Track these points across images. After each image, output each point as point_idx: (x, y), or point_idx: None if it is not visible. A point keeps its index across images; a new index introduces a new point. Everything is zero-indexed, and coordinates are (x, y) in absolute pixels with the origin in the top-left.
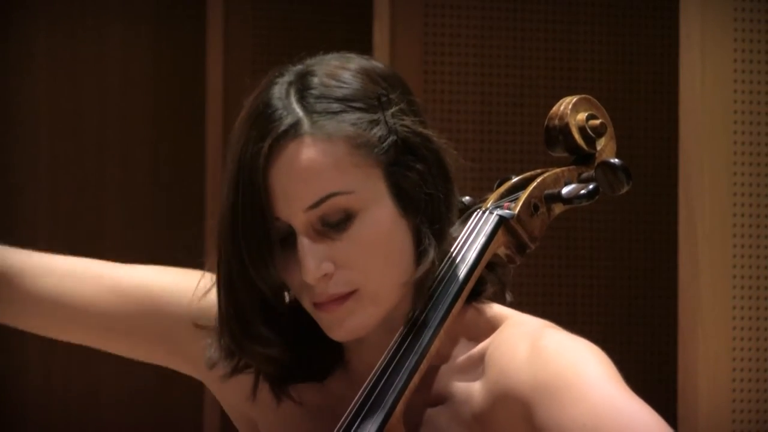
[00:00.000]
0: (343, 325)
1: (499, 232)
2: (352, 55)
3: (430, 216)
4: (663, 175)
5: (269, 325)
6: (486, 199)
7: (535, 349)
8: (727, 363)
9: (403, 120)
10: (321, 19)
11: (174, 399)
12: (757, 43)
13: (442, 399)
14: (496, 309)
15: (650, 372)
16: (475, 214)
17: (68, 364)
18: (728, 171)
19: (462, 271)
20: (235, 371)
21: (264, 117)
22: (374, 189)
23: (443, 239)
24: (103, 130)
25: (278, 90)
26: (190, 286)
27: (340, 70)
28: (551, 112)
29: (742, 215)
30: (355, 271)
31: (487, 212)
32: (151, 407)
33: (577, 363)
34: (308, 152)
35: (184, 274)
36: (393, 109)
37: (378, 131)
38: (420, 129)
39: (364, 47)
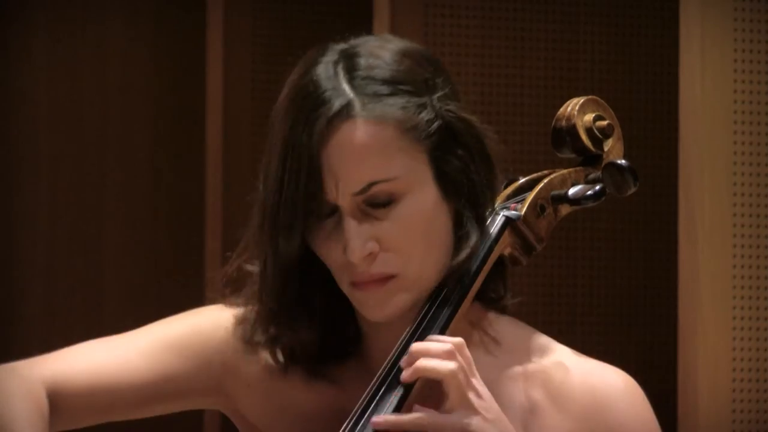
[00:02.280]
0: (381, 307)
1: (506, 233)
2: (390, 36)
3: (472, 201)
4: (663, 175)
5: (301, 301)
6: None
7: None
8: (727, 363)
9: (448, 105)
10: (321, 19)
11: None
12: (757, 43)
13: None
14: (523, 326)
15: (650, 372)
16: None
17: None
18: (728, 171)
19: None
20: (267, 343)
21: (314, 97)
22: (419, 173)
23: (484, 224)
24: (103, 130)
25: (324, 70)
26: (198, 332)
27: (385, 52)
28: (558, 113)
29: (742, 215)
30: (398, 254)
31: (494, 213)
32: None
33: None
34: (359, 135)
35: (185, 323)
36: (439, 94)
37: (425, 115)
38: (464, 114)
39: None
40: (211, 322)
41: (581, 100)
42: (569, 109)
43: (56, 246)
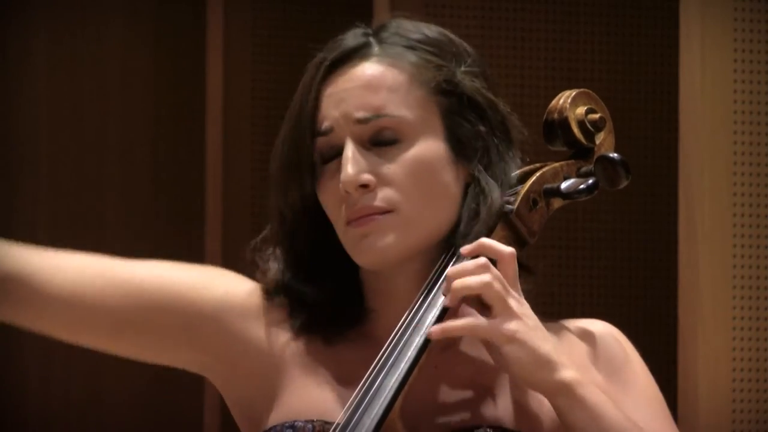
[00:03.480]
0: (371, 244)
1: (498, 226)
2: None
3: (485, 168)
4: (663, 175)
5: (315, 257)
6: None
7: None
8: (727, 363)
9: (472, 81)
10: (321, 19)
11: (174, 399)
12: (757, 43)
13: (481, 361)
14: None
15: (650, 372)
16: None
17: (68, 365)
18: (728, 171)
19: None
20: (282, 290)
21: (335, 41)
22: (427, 125)
23: (498, 192)
24: (103, 130)
25: (352, 33)
26: (207, 280)
27: (420, 24)
28: (550, 105)
29: (742, 215)
30: (396, 190)
31: None
32: (152, 408)
33: (650, 383)
34: (372, 68)
35: (200, 269)
36: (465, 69)
37: (444, 76)
38: (487, 93)
39: None
40: (222, 283)
41: (573, 92)
42: (561, 101)
43: (56, 246)
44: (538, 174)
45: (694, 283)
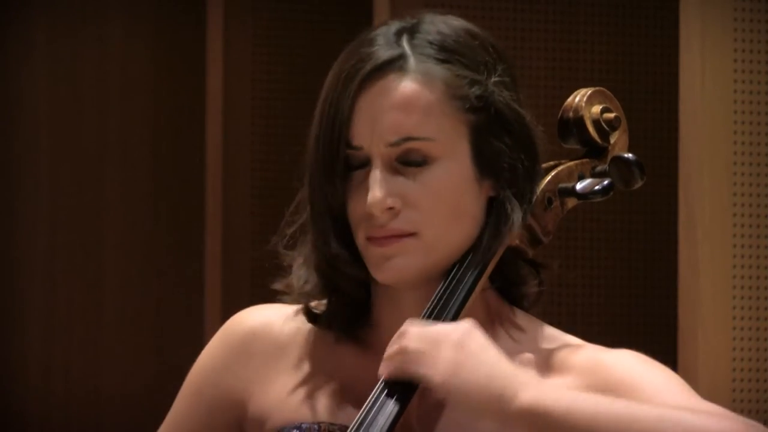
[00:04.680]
0: (392, 264)
1: None
2: (461, 19)
3: (510, 187)
4: (663, 176)
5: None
6: None
7: (617, 357)
8: (727, 363)
9: (502, 92)
10: (321, 19)
11: (174, 397)
12: (757, 43)
13: None
14: (540, 323)
15: None
16: None
17: (68, 364)
18: (728, 171)
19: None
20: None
21: (369, 45)
22: (455, 143)
23: (520, 211)
24: (103, 130)
25: (384, 32)
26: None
27: (452, 26)
28: (566, 103)
29: (742, 215)
30: (420, 213)
31: None
32: (152, 407)
33: (655, 372)
34: (407, 87)
35: (185, 399)
36: (495, 79)
37: (475, 90)
38: (515, 106)
39: None
40: (206, 357)
41: (588, 91)
42: (577, 99)
43: (56, 246)
44: (553, 173)
45: (694, 283)
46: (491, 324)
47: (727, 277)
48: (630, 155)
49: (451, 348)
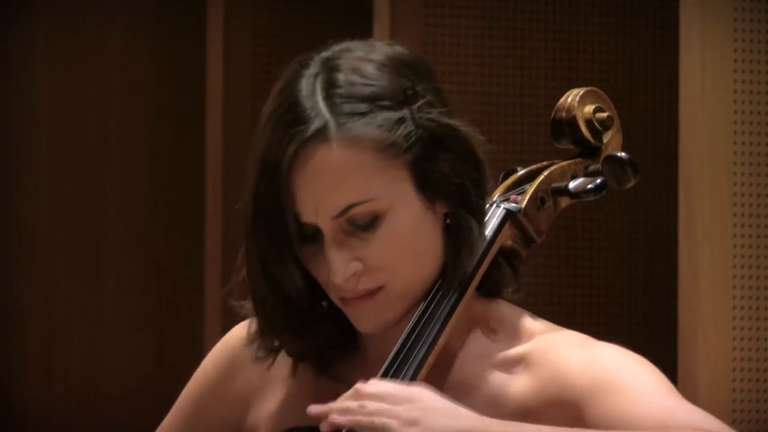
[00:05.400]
0: (371, 320)
1: (506, 225)
2: (376, 43)
3: (463, 202)
4: (663, 175)
5: (290, 317)
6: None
7: (592, 355)
8: (727, 363)
9: (429, 113)
10: (321, 19)
11: (174, 395)
12: (757, 43)
13: (466, 386)
14: (520, 312)
15: None
16: None
17: (68, 364)
18: (728, 171)
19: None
20: (269, 352)
21: (291, 115)
22: (398, 190)
23: (481, 219)
24: (103, 130)
25: (305, 85)
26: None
27: (365, 64)
28: (558, 103)
29: (742, 215)
30: (383, 270)
31: (494, 206)
32: (152, 407)
33: (633, 370)
34: (334, 158)
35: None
36: (419, 103)
37: (404, 130)
38: (446, 120)
39: None
40: (204, 371)
41: (581, 91)
42: (569, 100)
43: (56, 246)
44: (546, 173)
45: (694, 283)
46: (468, 330)
47: (727, 277)
48: (623, 154)
49: (408, 403)
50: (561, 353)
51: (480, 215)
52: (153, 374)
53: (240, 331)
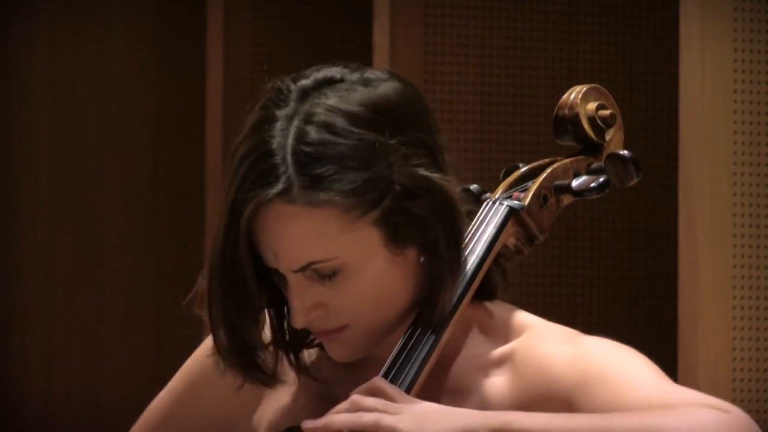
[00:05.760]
0: (343, 350)
1: (509, 223)
2: (358, 86)
3: (435, 254)
4: (663, 175)
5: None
6: (495, 189)
7: (578, 349)
8: (727, 363)
9: (402, 166)
10: (321, 19)
11: None
12: (757, 43)
13: (462, 391)
14: (514, 310)
15: None
16: (485, 204)
17: (68, 363)
18: (728, 171)
19: (472, 262)
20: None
21: (262, 165)
22: (362, 246)
23: (451, 275)
24: (103, 130)
25: (278, 132)
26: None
27: (338, 118)
28: (561, 100)
29: (742, 215)
30: (345, 313)
31: (497, 203)
32: None
33: (621, 360)
34: (294, 220)
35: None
36: (392, 158)
37: (372, 190)
38: (420, 173)
39: (364, 47)
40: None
41: (584, 88)
42: (572, 97)
43: (56, 246)
44: (548, 170)
45: (694, 283)
46: (464, 332)
47: (727, 277)
48: (626, 152)
49: (410, 406)
50: (545, 349)
51: (455, 264)
52: (153, 374)
53: None
